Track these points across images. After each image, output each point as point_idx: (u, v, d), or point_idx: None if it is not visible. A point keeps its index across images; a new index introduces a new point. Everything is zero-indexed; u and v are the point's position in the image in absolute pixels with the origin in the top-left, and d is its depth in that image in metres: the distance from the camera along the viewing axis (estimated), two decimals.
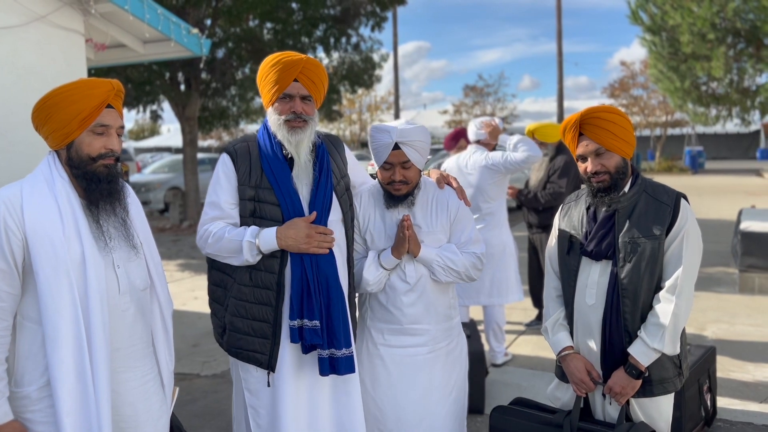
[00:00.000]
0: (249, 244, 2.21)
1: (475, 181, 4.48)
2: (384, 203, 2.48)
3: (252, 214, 2.28)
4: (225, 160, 2.33)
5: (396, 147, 2.37)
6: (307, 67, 2.26)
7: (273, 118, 2.31)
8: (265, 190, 2.27)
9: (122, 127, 1.99)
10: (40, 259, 1.81)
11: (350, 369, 2.27)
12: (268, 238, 2.21)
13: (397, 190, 2.42)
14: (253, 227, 2.26)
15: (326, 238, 2.24)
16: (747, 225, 6.59)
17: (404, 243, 2.36)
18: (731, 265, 7.48)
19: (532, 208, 5.29)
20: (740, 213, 7.41)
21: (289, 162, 2.31)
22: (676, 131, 32.57)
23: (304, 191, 2.31)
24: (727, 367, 4.38)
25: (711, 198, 15.14)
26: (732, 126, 19.47)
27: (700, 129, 29.82)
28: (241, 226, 2.30)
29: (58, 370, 1.80)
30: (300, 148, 2.28)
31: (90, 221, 1.91)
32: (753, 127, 24.39)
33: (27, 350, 1.85)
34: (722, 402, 3.84)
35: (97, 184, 1.91)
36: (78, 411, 1.82)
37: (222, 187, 2.31)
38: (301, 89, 2.28)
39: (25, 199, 1.83)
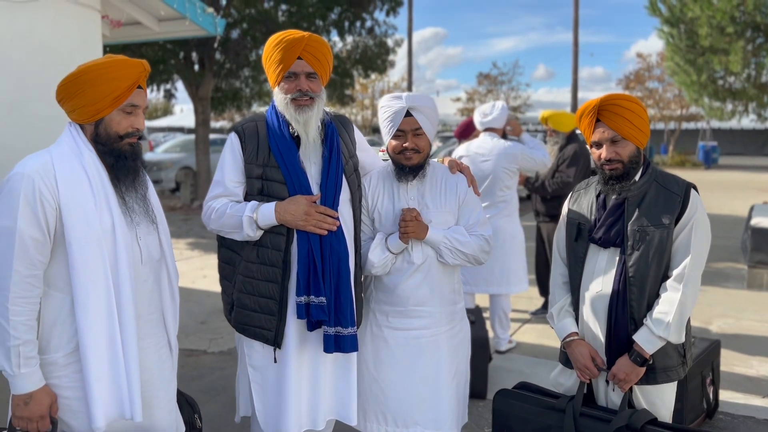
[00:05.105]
0: (248, 218, 2.24)
1: (492, 167, 4.47)
2: (395, 176, 2.47)
3: (260, 192, 2.31)
4: (233, 139, 2.35)
5: (408, 114, 2.38)
6: (311, 44, 2.27)
7: (279, 98, 2.32)
8: (273, 168, 2.29)
9: (147, 107, 2.03)
10: (73, 229, 1.84)
11: (354, 347, 2.31)
12: (266, 213, 2.24)
13: (409, 159, 2.41)
14: (252, 202, 2.28)
15: (326, 219, 2.25)
16: (758, 221, 6.54)
17: (406, 235, 2.36)
18: (740, 260, 7.44)
19: (540, 196, 5.29)
20: (752, 209, 7.35)
21: (297, 141, 2.31)
22: (691, 125, 32.20)
23: (312, 170, 2.33)
24: (731, 361, 4.39)
25: (723, 193, 15.03)
26: (748, 122, 19.22)
27: (715, 124, 29.44)
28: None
29: (89, 336, 1.84)
30: (308, 126, 2.29)
31: (117, 195, 1.96)
32: None
33: (53, 318, 1.89)
34: (724, 395, 3.85)
35: (123, 161, 1.95)
36: (107, 376, 1.87)
37: (228, 165, 2.34)
38: (305, 67, 2.29)
39: (57, 168, 1.86)
